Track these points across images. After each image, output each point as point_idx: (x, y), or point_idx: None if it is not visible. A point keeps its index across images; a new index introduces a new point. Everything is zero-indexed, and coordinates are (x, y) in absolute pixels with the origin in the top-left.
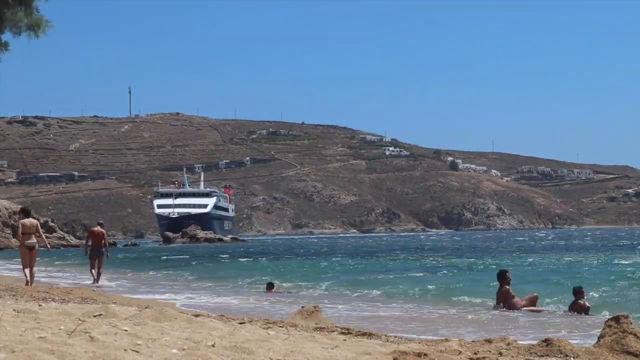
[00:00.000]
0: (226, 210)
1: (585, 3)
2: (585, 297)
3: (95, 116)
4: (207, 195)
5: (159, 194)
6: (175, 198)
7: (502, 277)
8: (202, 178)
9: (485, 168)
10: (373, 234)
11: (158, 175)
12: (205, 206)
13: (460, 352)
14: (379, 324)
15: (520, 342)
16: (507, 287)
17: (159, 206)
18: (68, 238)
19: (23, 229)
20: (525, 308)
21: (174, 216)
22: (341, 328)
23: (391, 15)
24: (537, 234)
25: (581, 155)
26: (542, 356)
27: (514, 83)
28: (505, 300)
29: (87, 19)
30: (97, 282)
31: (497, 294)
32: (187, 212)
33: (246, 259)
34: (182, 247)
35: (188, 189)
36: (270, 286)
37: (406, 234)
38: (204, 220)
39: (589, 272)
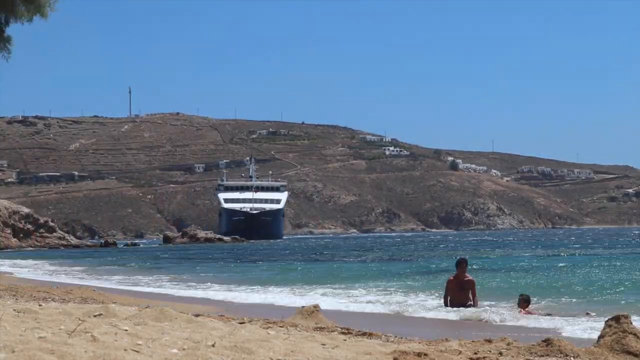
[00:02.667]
0: None
1: (585, 4)
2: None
3: (95, 116)
4: (277, 189)
5: (223, 186)
6: (256, 191)
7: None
8: (251, 172)
9: (485, 168)
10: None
11: (158, 175)
12: (278, 201)
13: (460, 352)
14: None
15: (521, 342)
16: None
17: (227, 200)
18: (68, 238)
19: None
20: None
21: (254, 212)
22: (341, 328)
23: (391, 15)
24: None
25: (581, 155)
26: (542, 356)
27: (514, 83)
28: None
29: (87, 19)
30: None
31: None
32: (262, 208)
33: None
34: (200, 247)
35: (256, 182)
36: (525, 302)
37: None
38: (277, 217)
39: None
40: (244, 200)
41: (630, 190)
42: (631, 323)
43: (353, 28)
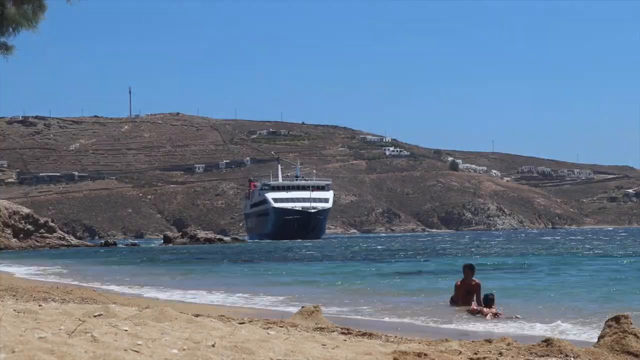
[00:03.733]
0: None
1: (585, 4)
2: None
3: (95, 116)
4: (323, 188)
5: (269, 186)
6: (312, 191)
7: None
8: (279, 172)
9: (485, 168)
10: (374, 234)
11: (158, 175)
12: (327, 200)
13: (460, 352)
14: None
15: (521, 342)
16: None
17: (276, 200)
18: (68, 238)
19: None
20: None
21: (312, 211)
22: (341, 328)
23: (391, 15)
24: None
25: (581, 155)
26: (542, 356)
27: (514, 83)
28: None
29: (87, 19)
30: None
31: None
32: (316, 207)
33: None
34: (208, 248)
35: (302, 181)
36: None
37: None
38: (326, 216)
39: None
40: (296, 200)
41: (630, 191)
42: (631, 323)
43: (353, 28)
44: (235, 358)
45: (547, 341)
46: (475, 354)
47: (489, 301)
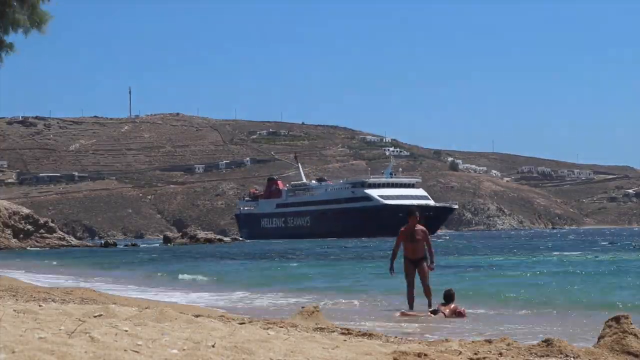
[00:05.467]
0: None
1: (585, 4)
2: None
3: (95, 116)
4: (413, 185)
5: (367, 184)
6: (404, 188)
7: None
8: (301, 170)
9: (485, 168)
10: None
11: (158, 175)
12: (427, 197)
13: (460, 353)
14: None
15: (521, 343)
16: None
17: (385, 197)
18: (68, 239)
19: None
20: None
21: (438, 206)
22: (341, 328)
23: (391, 15)
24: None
25: (581, 155)
26: (542, 356)
27: (514, 83)
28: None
29: (88, 19)
30: None
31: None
32: (427, 204)
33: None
34: (224, 248)
35: (396, 178)
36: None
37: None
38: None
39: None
40: (404, 197)
41: (631, 191)
42: (631, 323)
43: (353, 28)
44: (235, 358)
45: (547, 341)
46: (476, 354)
47: (448, 298)
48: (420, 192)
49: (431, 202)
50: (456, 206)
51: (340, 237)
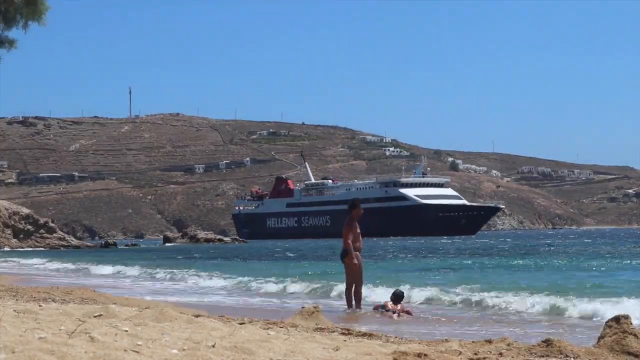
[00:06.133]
0: None
1: (585, 3)
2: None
3: (95, 116)
4: (442, 185)
5: (400, 183)
6: (434, 187)
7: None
8: (309, 169)
9: (485, 168)
10: None
11: (158, 176)
12: (459, 197)
13: (460, 353)
14: None
15: (521, 343)
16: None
17: (421, 196)
18: (68, 239)
19: None
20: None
21: (501, 205)
22: (341, 328)
23: (391, 15)
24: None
25: (581, 155)
26: (542, 356)
27: (514, 84)
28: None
29: (88, 19)
30: None
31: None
32: (463, 203)
33: None
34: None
35: (427, 178)
36: (396, 298)
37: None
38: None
39: None
40: (439, 197)
41: (630, 191)
42: (631, 323)
43: (353, 28)
44: (235, 358)
45: (547, 341)
46: (476, 354)
47: (397, 297)
48: (451, 191)
49: (465, 202)
50: (503, 206)
51: (370, 236)
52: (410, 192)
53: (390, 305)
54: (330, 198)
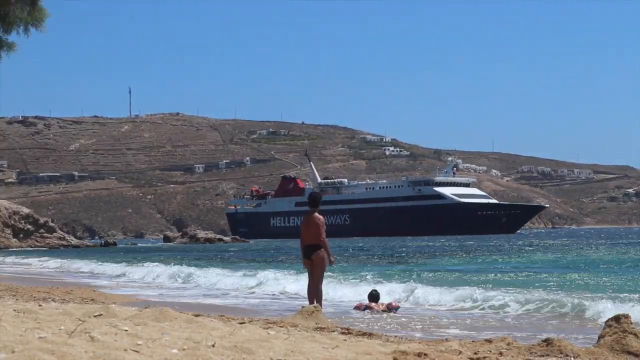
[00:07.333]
0: None
1: (585, 3)
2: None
3: (95, 116)
4: (468, 185)
5: (433, 182)
6: (463, 187)
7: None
8: (314, 169)
9: (485, 168)
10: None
11: (158, 175)
12: (488, 196)
13: (460, 352)
14: None
15: (521, 342)
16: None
17: (459, 195)
18: (68, 238)
19: None
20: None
21: (545, 205)
22: (341, 328)
23: (391, 15)
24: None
25: (581, 155)
26: (543, 356)
27: (514, 83)
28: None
29: (87, 19)
30: None
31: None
32: (495, 202)
33: None
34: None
35: (456, 178)
36: (372, 297)
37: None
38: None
39: None
40: (472, 196)
41: (630, 190)
42: (631, 323)
43: (354, 28)
44: (235, 358)
45: (547, 341)
46: (475, 353)
47: (373, 297)
48: (478, 191)
49: (495, 201)
50: (547, 205)
51: (401, 235)
52: (446, 190)
53: (374, 305)
54: (350, 197)
